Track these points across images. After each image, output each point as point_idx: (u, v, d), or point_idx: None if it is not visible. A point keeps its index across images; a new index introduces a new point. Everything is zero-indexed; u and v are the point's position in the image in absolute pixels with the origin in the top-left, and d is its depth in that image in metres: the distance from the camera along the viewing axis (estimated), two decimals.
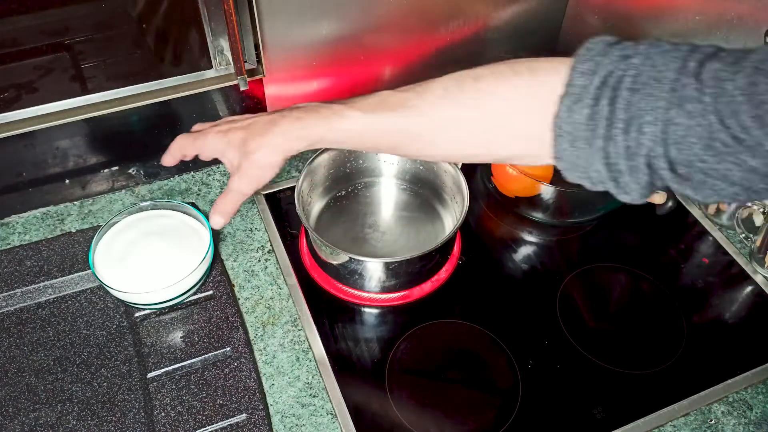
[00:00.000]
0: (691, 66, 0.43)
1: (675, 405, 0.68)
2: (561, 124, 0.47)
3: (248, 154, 0.57)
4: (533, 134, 0.49)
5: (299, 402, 0.67)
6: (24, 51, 0.69)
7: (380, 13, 0.83)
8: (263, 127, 0.57)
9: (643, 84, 0.44)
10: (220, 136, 0.60)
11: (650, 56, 0.45)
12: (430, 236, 0.80)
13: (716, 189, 0.44)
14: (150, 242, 0.72)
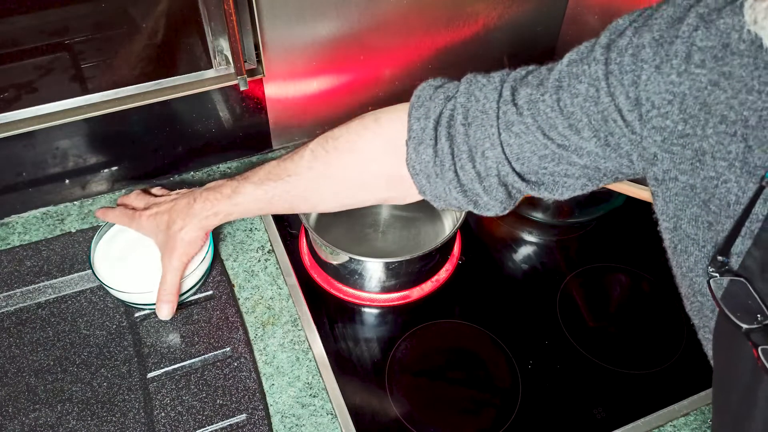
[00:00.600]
0: (506, 95, 0.51)
1: (675, 405, 0.68)
2: (413, 164, 0.55)
3: (174, 235, 0.67)
4: (394, 176, 0.57)
5: (299, 402, 0.67)
6: (24, 51, 0.69)
7: (380, 13, 0.83)
8: (182, 210, 0.67)
9: (474, 117, 0.52)
10: (150, 221, 0.69)
11: (471, 92, 0.52)
12: (430, 236, 0.80)
13: (567, 186, 0.52)
14: (150, 242, 0.72)
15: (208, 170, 0.89)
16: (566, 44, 1.01)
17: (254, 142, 0.90)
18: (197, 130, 0.85)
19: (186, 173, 0.88)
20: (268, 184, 0.63)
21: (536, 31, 0.98)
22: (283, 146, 0.93)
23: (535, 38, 0.99)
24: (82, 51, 0.72)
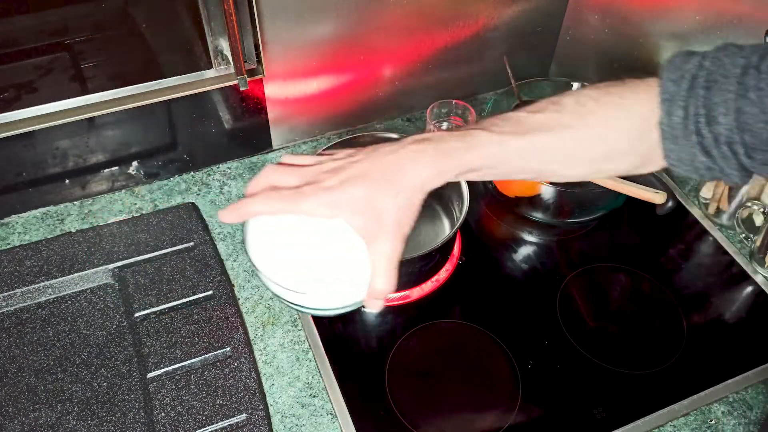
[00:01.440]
0: (753, 60, 0.47)
1: (675, 405, 0.68)
2: (663, 126, 0.50)
3: (383, 214, 0.48)
4: (645, 138, 0.51)
5: (299, 402, 0.67)
6: (24, 51, 0.69)
7: (380, 13, 0.83)
8: (388, 173, 0.49)
9: (714, 81, 0.48)
10: (331, 195, 0.49)
11: (719, 57, 0.48)
12: (430, 236, 0.80)
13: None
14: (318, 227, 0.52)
15: (208, 170, 0.89)
16: (566, 44, 1.01)
17: (254, 142, 0.90)
18: (197, 130, 0.85)
19: (186, 173, 0.88)
20: (530, 135, 0.50)
21: (536, 31, 0.98)
22: (283, 146, 0.93)
23: (535, 38, 0.99)
24: (82, 51, 0.72)
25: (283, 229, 0.53)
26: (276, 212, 0.51)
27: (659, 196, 0.76)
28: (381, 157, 0.50)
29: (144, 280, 0.74)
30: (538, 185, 0.80)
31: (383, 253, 0.49)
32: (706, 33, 0.85)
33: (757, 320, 0.76)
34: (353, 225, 0.49)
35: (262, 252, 0.53)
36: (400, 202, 0.48)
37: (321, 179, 0.50)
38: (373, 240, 0.49)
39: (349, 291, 0.52)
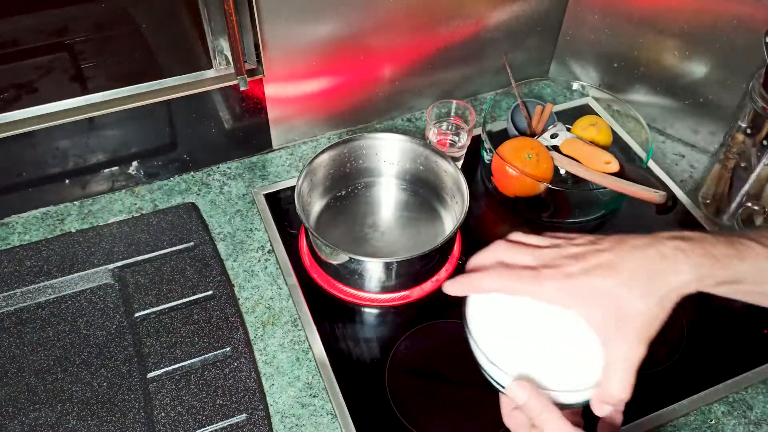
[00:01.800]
0: None
1: (675, 405, 0.68)
2: None
3: (629, 314, 0.44)
4: None
5: (299, 402, 0.67)
6: (24, 51, 0.69)
7: (380, 13, 0.83)
8: (641, 270, 0.44)
9: None
10: (564, 285, 0.45)
11: None
12: (430, 236, 0.80)
13: None
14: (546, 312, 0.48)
15: (208, 170, 0.89)
16: (566, 44, 1.01)
17: (254, 142, 0.90)
18: (197, 130, 0.85)
19: (186, 173, 0.88)
20: None
21: (536, 31, 0.98)
22: (283, 146, 0.93)
23: (535, 38, 0.99)
24: (82, 51, 0.72)
25: (508, 311, 0.49)
26: (509, 291, 0.47)
27: (659, 196, 0.76)
28: (632, 251, 0.45)
29: (144, 280, 0.74)
30: (538, 185, 0.80)
31: (624, 355, 0.44)
32: (706, 33, 0.85)
33: (757, 320, 0.75)
34: (589, 318, 0.45)
35: (484, 331, 0.50)
36: (651, 304, 0.44)
37: (561, 264, 0.46)
38: (612, 339, 0.44)
39: (574, 390, 0.46)
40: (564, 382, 0.46)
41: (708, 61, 0.87)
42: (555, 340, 0.47)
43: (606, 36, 0.96)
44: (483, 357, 0.48)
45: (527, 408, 0.45)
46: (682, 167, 0.93)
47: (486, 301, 0.51)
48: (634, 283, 0.43)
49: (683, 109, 0.94)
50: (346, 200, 0.84)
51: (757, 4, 0.79)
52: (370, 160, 0.83)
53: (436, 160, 0.80)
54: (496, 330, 0.49)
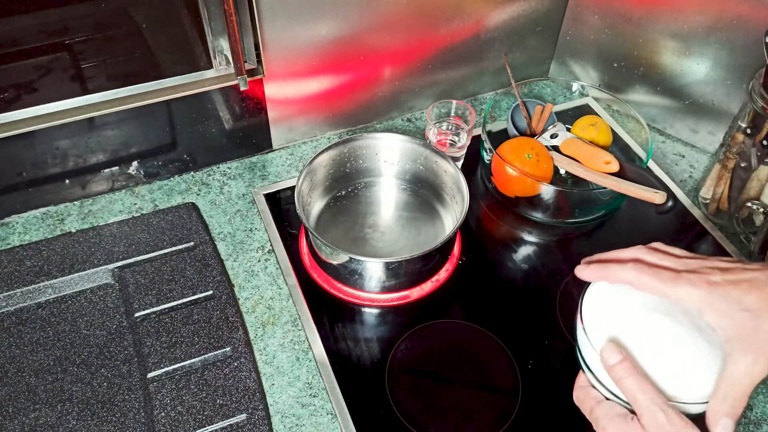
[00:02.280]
0: None
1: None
2: None
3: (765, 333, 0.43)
4: None
5: (299, 402, 0.67)
6: (24, 51, 0.69)
7: (380, 13, 0.83)
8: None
9: None
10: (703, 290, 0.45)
11: None
12: (430, 236, 0.80)
13: None
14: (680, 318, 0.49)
15: (208, 170, 0.89)
16: (566, 44, 1.01)
17: (254, 142, 0.90)
18: (197, 130, 0.85)
19: (186, 173, 0.88)
20: None
21: (536, 31, 0.98)
22: (283, 146, 0.93)
23: (535, 38, 0.99)
24: (82, 51, 0.72)
25: (625, 306, 0.50)
26: (642, 287, 0.48)
27: (659, 196, 0.76)
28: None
29: (144, 280, 0.74)
30: (538, 185, 0.80)
31: (749, 370, 0.43)
32: (706, 33, 0.85)
33: None
34: (719, 328, 0.45)
35: (595, 318, 0.50)
36: None
37: (705, 272, 0.46)
38: (738, 353, 0.44)
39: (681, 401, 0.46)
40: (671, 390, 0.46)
41: (708, 61, 0.87)
42: (665, 346, 0.47)
43: (606, 36, 0.96)
44: (585, 339, 0.48)
45: (614, 371, 0.45)
46: (682, 167, 0.93)
47: (607, 292, 0.51)
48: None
49: (683, 109, 0.94)
50: (346, 200, 0.84)
51: (757, 3, 0.79)
52: (370, 160, 0.83)
53: (436, 160, 0.80)
54: (608, 319, 0.49)
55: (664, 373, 0.46)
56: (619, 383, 0.45)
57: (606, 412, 0.47)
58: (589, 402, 0.49)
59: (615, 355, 0.45)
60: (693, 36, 0.86)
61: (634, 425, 0.44)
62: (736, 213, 0.82)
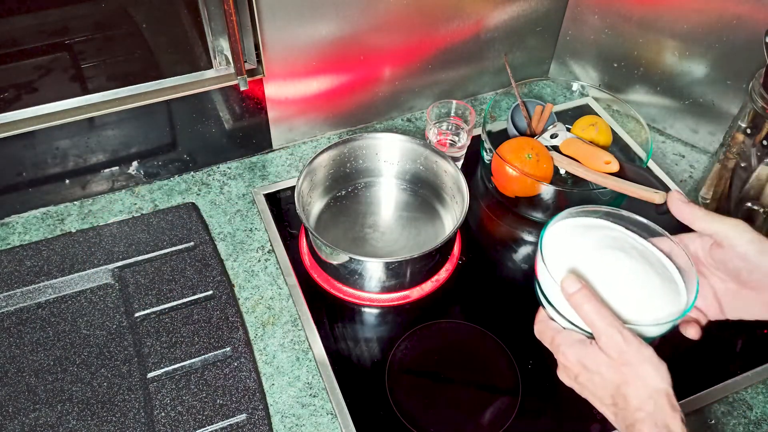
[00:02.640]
0: None
1: None
2: None
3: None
4: None
5: (299, 402, 0.67)
6: (24, 51, 0.69)
7: (380, 13, 0.83)
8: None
9: None
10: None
11: None
12: (430, 236, 0.80)
13: None
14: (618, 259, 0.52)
15: (208, 170, 0.89)
16: (566, 44, 1.01)
17: (254, 142, 0.90)
18: (197, 130, 0.85)
19: (186, 173, 0.88)
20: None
21: (536, 31, 0.98)
22: (283, 146, 0.93)
23: (535, 38, 0.99)
24: (82, 51, 0.72)
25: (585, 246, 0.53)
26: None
27: (659, 196, 0.76)
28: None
29: (144, 280, 0.74)
30: (538, 185, 0.80)
31: None
32: (706, 33, 0.85)
33: (756, 320, 0.75)
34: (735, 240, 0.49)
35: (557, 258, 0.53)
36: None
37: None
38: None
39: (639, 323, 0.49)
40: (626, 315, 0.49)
41: (708, 61, 0.87)
42: (620, 277, 0.50)
43: (606, 36, 0.96)
44: (546, 273, 0.51)
45: (573, 299, 0.47)
46: (682, 167, 0.93)
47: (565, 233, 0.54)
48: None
49: (683, 109, 0.94)
50: (346, 200, 0.84)
51: (757, 3, 0.79)
52: (370, 160, 0.83)
53: (436, 160, 0.80)
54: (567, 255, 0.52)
55: (619, 300, 0.49)
56: (578, 309, 0.47)
57: (565, 339, 0.50)
58: (549, 333, 0.52)
59: (574, 284, 0.47)
60: (693, 36, 0.86)
61: (593, 348, 0.47)
62: (736, 213, 0.82)
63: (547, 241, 0.54)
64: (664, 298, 0.49)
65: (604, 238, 0.53)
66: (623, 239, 0.54)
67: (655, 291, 0.50)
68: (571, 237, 0.54)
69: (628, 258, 0.51)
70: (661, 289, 0.50)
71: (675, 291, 0.50)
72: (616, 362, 0.46)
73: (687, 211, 0.50)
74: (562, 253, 0.53)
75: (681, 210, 0.50)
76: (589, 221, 0.56)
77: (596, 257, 0.52)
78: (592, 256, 0.52)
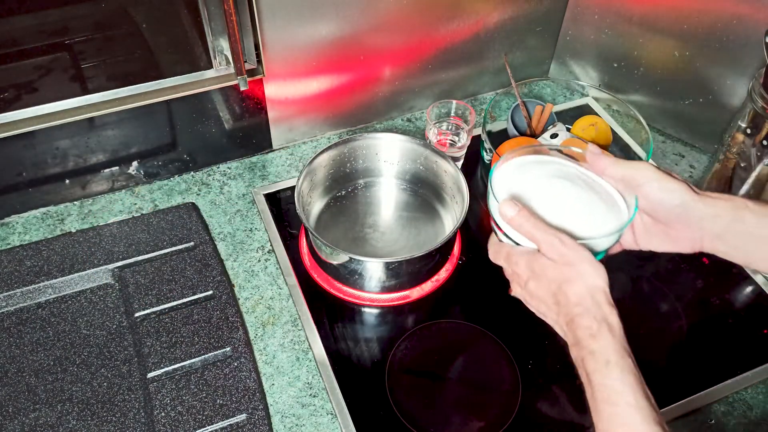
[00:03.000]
0: None
1: (675, 405, 0.68)
2: None
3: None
4: None
5: (299, 402, 0.67)
6: (24, 51, 0.69)
7: (380, 13, 0.83)
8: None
9: None
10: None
11: None
12: (430, 236, 0.80)
13: None
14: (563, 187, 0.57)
15: (208, 170, 0.89)
16: (566, 44, 1.01)
17: (254, 142, 0.90)
18: (197, 130, 0.85)
19: (186, 173, 0.88)
20: None
21: (536, 31, 0.98)
22: (283, 146, 0.93)
23: (535, 38, 0.99)
24: (82, 51, 0.72)
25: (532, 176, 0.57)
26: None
27: None
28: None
29: (144, 280, 0.74)
30: None
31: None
32: (706, 33, 0.85)
33: (757, 320, 0.75)
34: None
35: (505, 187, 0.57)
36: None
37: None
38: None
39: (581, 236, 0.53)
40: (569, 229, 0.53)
41: (708, 61, 0.87)
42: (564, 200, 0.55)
43: (606, 36, 0.96)
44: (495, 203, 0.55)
45: (513, 221, 0.52)
46: (682, 167, 0.93)
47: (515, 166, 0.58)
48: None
49: (683, 109, 0.94)
50: (346, 200, 0.84)
51: (757, 3, 0.79)
52: (370, 160, 0.83)
53: (436, 160, 0.80)
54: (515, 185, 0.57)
55: (568, 221, 0.54)
56: (520, 230, 0.53)
57: (517, 251, 0.55)
58: (503, 252, 0.57)
59: (512, 208, 0.52)
60: (693, 36, 0.86)
61: (539, 255, 0.52)
62: None
63: (497, 176, 0.58)
64: (607, 215, 0.54)
65: (551, 170, 0.58)
66: (568, 170, 0.58)
67: (599, 210, 0.55)
68: (520, 172, 0.59)
69: (573, 185, 0.56)
70: (605, 208, 0.55)
71: (617, 210, 0.55)
72: (558, 263, 0.51)
73: (598, 161, 0.55)
74: (512, 185, 0.57)
75: (594, 161, 0.56)
76: (537, 158, 0.60)
77: (543, 186, 0.56)
78: (538, 186, 0.56)
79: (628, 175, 0.54)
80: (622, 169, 0.54)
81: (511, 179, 0.58)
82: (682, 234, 0.53)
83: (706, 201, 0.52)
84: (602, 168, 0.55)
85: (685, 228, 0.53)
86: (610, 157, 0.55)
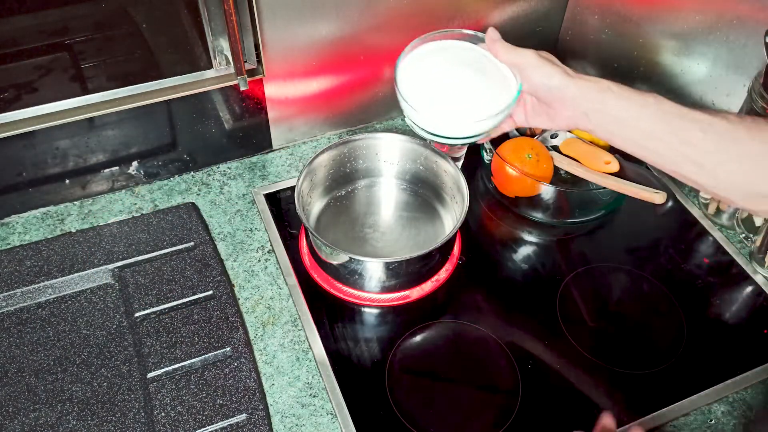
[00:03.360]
0: None
1: (675, 405, 0.68)
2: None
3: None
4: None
5: (299, 402, 0.67)
6: (24, 51, 0.69)
7: (380, 13, 0.83)
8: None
9: None
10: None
11: None
12: (430, 236, 0.80)
13: None
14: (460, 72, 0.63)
15: (208, 170, 0.89)
16: (566, 44, 1.01)
17: (254, 142, 0.90)
18: (197, 130, 0.85)
19: (186, 173, 0.88)
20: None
21: (536, 31, 0.98)
22: (283, 146, 0.93)
23: (535, 38, 0.99)
24: (82, 51, 0.72)
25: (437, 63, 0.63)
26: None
27: (659, 196, 0.76)
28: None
29: (144, 280, 0.74)
30: (538, 185, 0.80)
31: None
32: (706, 33, 0.85)
33: (757, 320, 0.76)
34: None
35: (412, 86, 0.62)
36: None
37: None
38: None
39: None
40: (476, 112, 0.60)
41: (708, 61, 0.87)
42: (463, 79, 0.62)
43: (606, 36, 0.96)
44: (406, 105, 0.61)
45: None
46: None
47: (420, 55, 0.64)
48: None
49: None
50: (346, 200, 0.84)
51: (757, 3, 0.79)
52: (370, 160, 0.83)
53: (436, 160, 0.80)
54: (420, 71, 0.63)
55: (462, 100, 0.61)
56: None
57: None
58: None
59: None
60: (693, 36, 0.86)
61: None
62: (736, 213, 0.82)
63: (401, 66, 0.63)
64: (500, 96, 0.61)
65: (452, 57, 0.64)
66: (468, 55, 0.64)
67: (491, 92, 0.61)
68: (423, 61, 0.64)
69: (470, 71, 0.62)
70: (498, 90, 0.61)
71: (509, 91, 0.61)
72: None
73: (493, 47, 0.61)
74: (416, 74, 0.63)
75: (490, 47, 0.61)
76: (440, 44, 0.65)
77: (443, 73, 0.62)
78: (439, 73, 0.62)
79: (515, 61, 0.60)
80: (510, 56, 0.60)
81: (416, 68, 0.63)
82: (560, 113, 0.59)
83: (578, 83, 0.57)
84: (496, 53, 0.61)
85: (561, 107, 0.58)
86: (503, 44, 0.61)
